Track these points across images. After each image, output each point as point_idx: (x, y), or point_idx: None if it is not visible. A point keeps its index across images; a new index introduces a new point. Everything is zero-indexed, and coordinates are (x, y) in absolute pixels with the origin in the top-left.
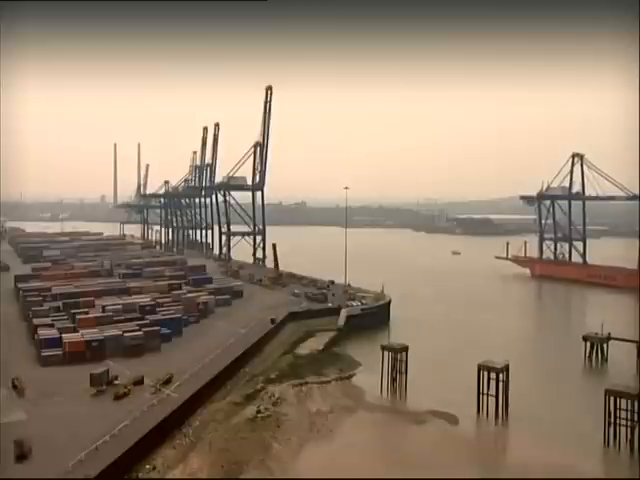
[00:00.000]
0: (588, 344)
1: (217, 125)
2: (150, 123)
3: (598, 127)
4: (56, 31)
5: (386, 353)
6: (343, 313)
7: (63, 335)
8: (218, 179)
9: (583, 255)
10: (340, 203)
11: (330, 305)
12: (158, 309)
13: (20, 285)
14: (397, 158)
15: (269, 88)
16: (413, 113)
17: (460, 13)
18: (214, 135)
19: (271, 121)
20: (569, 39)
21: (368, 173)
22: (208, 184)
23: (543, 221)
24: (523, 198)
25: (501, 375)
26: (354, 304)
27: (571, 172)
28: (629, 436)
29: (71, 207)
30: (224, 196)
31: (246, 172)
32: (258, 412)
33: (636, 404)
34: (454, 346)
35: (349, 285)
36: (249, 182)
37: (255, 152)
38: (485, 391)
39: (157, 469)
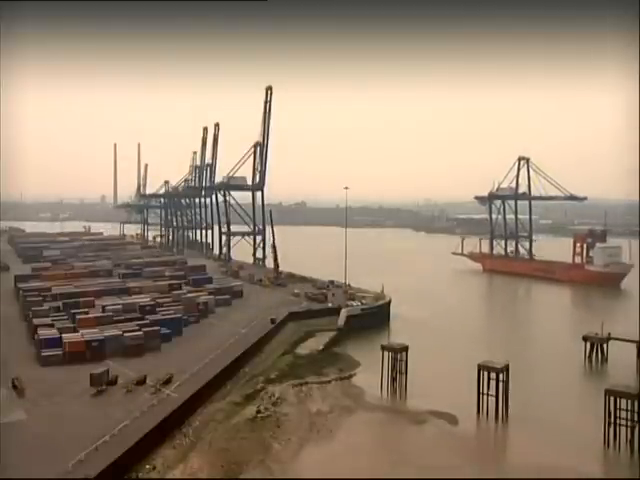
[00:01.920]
0: (588, 344)
1: (217, 125)
2: (150, 123)
3: (597, 127)
4: (56, 31)
5: (386, 353)
6: (343, 313)
7: (63, 335)
8: (218, 179)
9: (529, 251)
10: (340, 203)
11: (330, 305)
12: (158, 309)
13: (20, 285)
14: (397, 158)
15: (269, 88)
16: (413, 113)
17: (459, 13)
18: (214, 135)
19: (271, 121)
20: (568, 39)
21: (368, 173)
22: (208, 184)
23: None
24: (477, 198)
25: (501, 375)
26: (354, 304)
27: (517, 174)
28: (629, 436)
29: (71, 207)
30: (224, 196)
31: (246, 172)
32: (258, 412)
33: (636, 404)
34: (452, 345)
35: (349, 285)
36: (249, 182)
37: (255, 152)
38: (485, 391)
39: (157, 469)
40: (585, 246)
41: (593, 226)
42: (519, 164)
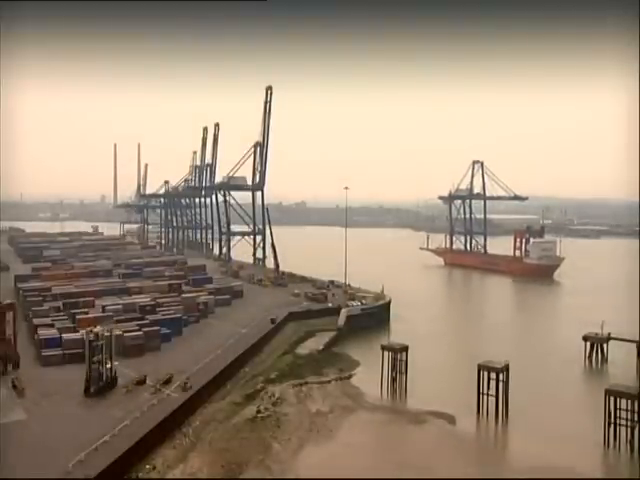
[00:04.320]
0: (588, 344)
1: (217, 125)
2: (150, 123)
3: (598, 127)
4: (56, 31)
5: (386, 353)
6: (343, 313)
7: (63, 335)
8: (218, 179)
9: (484, 246)
10: (340, 203)
11: (330, 305)
12: (158, 309)
13: (20, 285)
14: (397, 159)
15: (269, 88)
16: (414, 114)
17: (459, 14)
18: (214, 135)
19: (271, 121)
20: (568, 39)
21: (369, 173)
22: (208, 184)
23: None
24: (441, 198)
25: (501, 375)
26: (354, 304)
27: (472, 176)
28: (629, 436)
29: (71, 207)
30: (224, 196)
31: (246, 172)
32: (258, 412)
33: (636, 404)
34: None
35: (349, 285)
36: (249, 182)
37: (255, 152)
38: (485, 391)
39: (157, 469)
40: (523, 241)
41: (593, 226)
42: (473, 167)
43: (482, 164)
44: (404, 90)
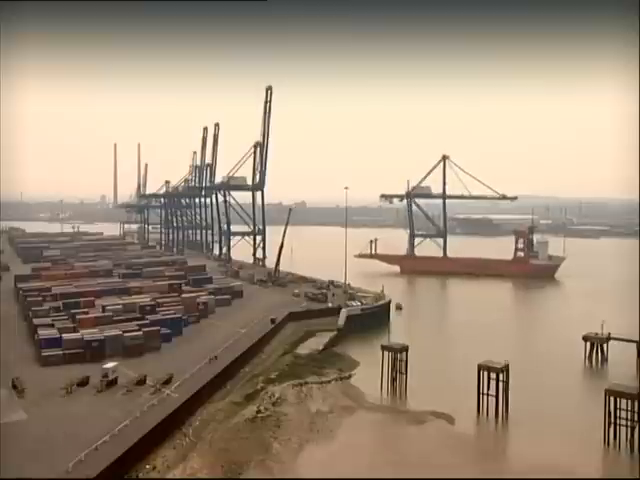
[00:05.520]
0: (588, 344)
1: (217, 125)
2: (150, 123)
3: (597, 127)
4: (56, 31)
5: (386, 353)
6: (343, 313)
7: (63, 335)
8: (218, 179)
9: (444, 249)
10: (340, 203)
11: (330, 305)
12: (158, 309)
13: (20, 285)
14: (397, 158)
15: (269, 88)
16: (413, 113)
17: (459, 14)
18: (214, 135)
19: (271, 121)
20: (568, 39)
21: (368, 173)
22: (208, 184)
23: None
24: (382, 196)
25: (501, 375)
26: (354, 304)
27: (443, 173)
28: (629, 436)
29: (71, 207)
30: (224, 196)
31: (246, 172)
32: (258, 412)
33: (636, 404)
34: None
35: (349, 285)
36: (249, 182)
37: (255, 152)
38: (485, 391)
39: (157, 469)
40: (526, 242)
41: (593, 226)
42: (444, 163)
43: (445, 159)
44: (404, 90)
